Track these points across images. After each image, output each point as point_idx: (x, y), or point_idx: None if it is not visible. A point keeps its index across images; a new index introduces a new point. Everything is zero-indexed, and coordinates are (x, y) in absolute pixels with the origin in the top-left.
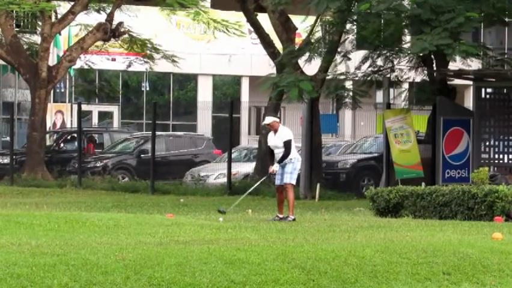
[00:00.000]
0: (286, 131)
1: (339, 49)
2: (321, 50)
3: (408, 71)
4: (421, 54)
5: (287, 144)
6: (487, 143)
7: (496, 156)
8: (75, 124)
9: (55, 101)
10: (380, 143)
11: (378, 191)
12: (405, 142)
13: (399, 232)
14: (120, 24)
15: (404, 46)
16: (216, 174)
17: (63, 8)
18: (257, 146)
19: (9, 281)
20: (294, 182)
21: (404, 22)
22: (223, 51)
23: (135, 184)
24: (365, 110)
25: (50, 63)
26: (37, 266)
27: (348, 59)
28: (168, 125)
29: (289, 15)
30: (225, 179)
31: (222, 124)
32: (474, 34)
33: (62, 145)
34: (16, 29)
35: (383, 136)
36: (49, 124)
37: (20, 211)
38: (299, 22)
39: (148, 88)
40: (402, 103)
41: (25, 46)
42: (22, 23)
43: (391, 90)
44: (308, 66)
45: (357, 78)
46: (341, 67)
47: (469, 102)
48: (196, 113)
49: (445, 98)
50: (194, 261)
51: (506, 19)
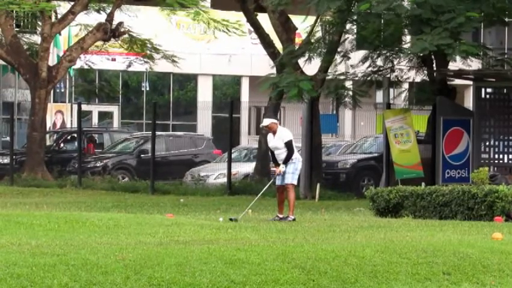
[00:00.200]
0: (285, 132)
1: (339, 49)
2: (321, 50)
3: (408, 71)
4: (421, 54)
5: (289, 144)
6: (487, 143)
7: (496, 156)
8: (75, 124)
9: (55, 101)
10: (380, 143)
11: (378, 191)
12: (405, 142)
13: (399, 232)
14: (120, 24)
15: (404, 46)
16: (216, 174)
17: (63, 8)
18: (257, 146)
19: (9, 281)
20: (296, 182)
21: (404, 22)
22: (223, 51)
23: (135, 184)
24: (365, 110)
25: (50, 63)
26: (37, 266)
27: (348, 59)
28: (168, 125)
29: (289, 15)
30: (225, 179)
31: (222, 124)
32: (474, 34)
33: (62, 145)
34: (16, 29)
35: (383, 136)
36: (49, 124)
37: (20, 211)
38: (299, 22)
39: (148, 88)
40: (402, 103)
41: (25, 46)
42: (22, 23)
43: (391, 90)
44: (308, 66)
45: (357, 78)
46: (341, 67)
47: (469, 102)
48: (196, 113)
49: (445, 98)
50: (194, 261)
51: (506, 19)
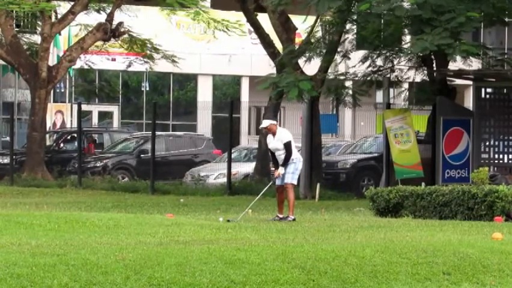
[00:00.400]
0: (284, 133)
1: (339, 49)
2: (320, 50)
3: (408, 71)
4: (421, 54)
5: (288, 145)
6: (487, 143)
7: (496, 156)
8: (75, 124)
9: (55, 101)
10: (380, 143)
11: (378, 191)
12: (405, 142)
13: (399, 232)
14: (120, 24)
15: (404, 46)
16: (216, 174)
17: (63, 8)
18: (257, 146)
19: (9, 281)
20: (295, 182)
21: (404, 22)
22: (223, 51)
23: (135, 184)
24: (365, 110)
25: (50, 63)
26: (37, 266)
27: (348, 59)
28: (168, 125)
29: (289, 15)
30: (225, 179)
31: (222, 124)
32: (474, 34)
33: (62, 145)
34: (16, 29)
35: (383, 136)
36: (49, 124)
37: (20, 211)
38: (299, 22)
39: (148, 88)
40: (402, 103)
41: (25, 46)
42: (22, 23)
43: (391, 90)
44: (308, 66)
45: (357, 78)
46: (341, 67)
47: (469, 102)
48: (196, 113)
49: (445, 98)
50: (194, 261)
51: (506, 19)
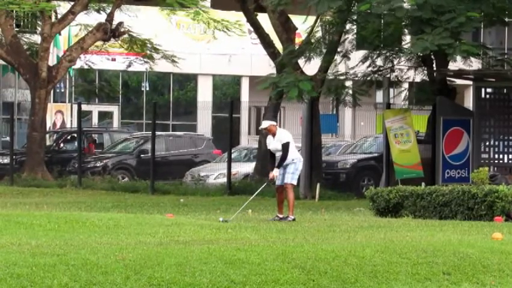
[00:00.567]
0: (284, 134)
1: (339, 49)
2: (320, 50)
3: (408, 71)
4: (422, 54)
5: (285, 146)
6: (487, 143)
7: (496, 156)
8: (75, 124)
9: (55, 101)
10: (380, 143)
11: (378, 191)
12: (405, 142)
13: (399, 232)
14: (120, 24)
15: (404, 46)
16: (216, 174)
17: (63, 8)
18: (257, 146)
19: (9, 281)
20: (295, 183)
21: (404, 22)
22: (223, 51)
23: (135, 184)
24: (365, 110)
25: (50, 63)
26: (37, 266)
27: (348, 59)
28: (168, 125)
29: (289, 15)
30: (225, 179)
31: (222, 124)
32: (474, 34)
33: (62, 145)
34: (16, 29)
35: (383, 136)
36: (49, 124)
37: (20, 211)
38: (299, 22)
39: (148, 88)
40: (402, 103)
41: (25, 46)
42: (22, 23)
43: (391, 90)
44: (308, 66)
45: (357, 78)
46: (341, 67)
47: (469, 102)
48: (196, 113)
49: (445, 98)
50: (194, 261)
51: (506, 19)
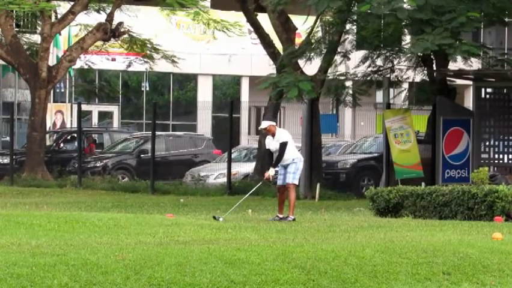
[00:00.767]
0: (283, 134)
1: (339, 49)
2: (320, 50)
3: (408, 71)
4: (422, 54)
5: (283, 146)
6: (487, 143)
7: (496, 156)
8: (75, 124)
9: (55, 101)
10: (380, 143)
11: (378, 191)
12: (405, 142)
13: (399, 232)
14: (120, 24)
15: (404, 46)
16: (216, 174)
17: (63, 8)
18: (257, 146)
19: (9, 281)
20: (297, 182)
21: (404, 22)
22: (223, 51)
23: (135, 184)
24: (365, 110)
25: (50, 63)
26: (37, 266)
27: (348, 59)
28: (168, 125)
29: (289, 15)
30: (225, 179)
31: (222, 124)
32: (474, 34)
33: (62, 145)
34: (16, 29)
35: (383, 136)
36: (49, 124)
37: (20, 211)
38: (299, 22)
39: (148, 88)
40: (402, 103)
41: (25, 46)
42: (22, 23)
43: (391, 90)
44: (308, 66)
45: (357, 78)
46: (341, 67)
47: (469, 102)
48: (196, 113)
49: (445, 98)
50: (194, 261)
51: (506, 19)
